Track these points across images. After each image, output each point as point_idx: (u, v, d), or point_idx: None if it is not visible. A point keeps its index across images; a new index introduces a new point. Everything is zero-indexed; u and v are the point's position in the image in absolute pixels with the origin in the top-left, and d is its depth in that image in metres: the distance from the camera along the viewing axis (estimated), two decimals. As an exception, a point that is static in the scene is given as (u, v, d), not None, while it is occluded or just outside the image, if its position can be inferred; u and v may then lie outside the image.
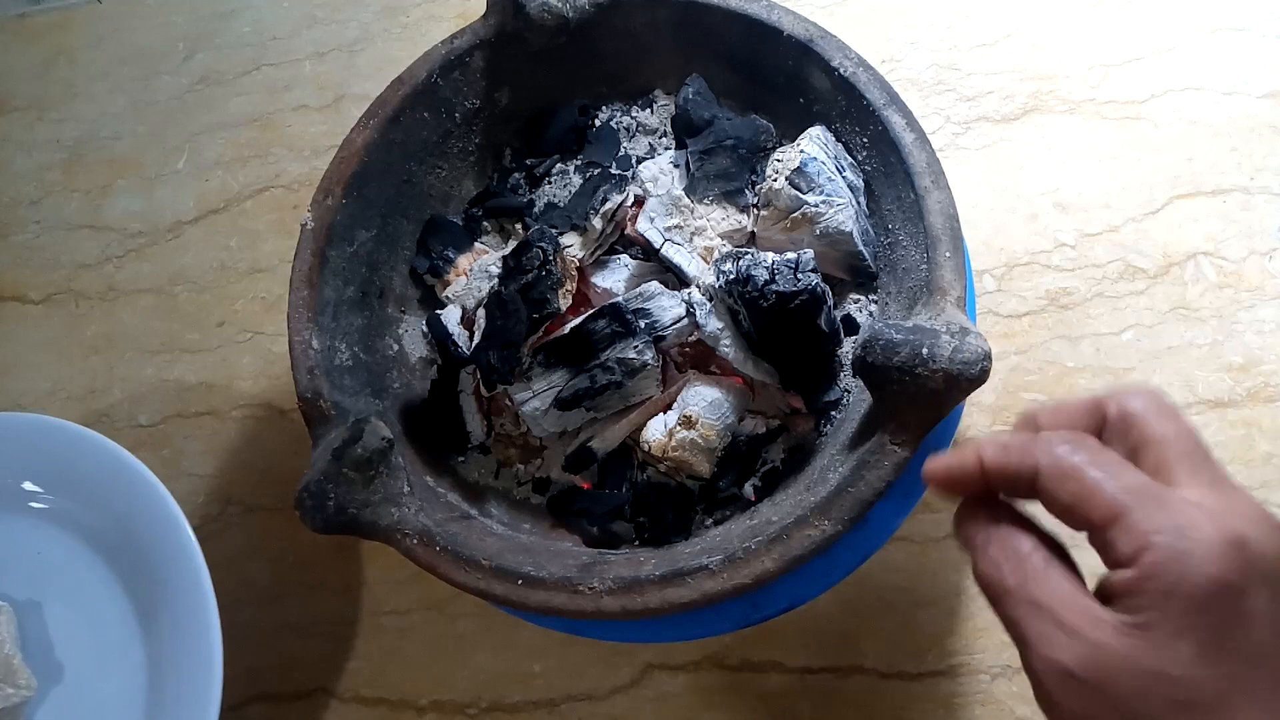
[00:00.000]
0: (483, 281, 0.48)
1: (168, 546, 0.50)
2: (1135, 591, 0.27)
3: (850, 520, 0.38)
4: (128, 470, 0.51)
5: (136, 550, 0.52)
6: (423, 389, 0.50)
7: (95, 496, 0.53)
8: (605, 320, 0.44)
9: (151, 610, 0.51)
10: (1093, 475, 0.28)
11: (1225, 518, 0.27)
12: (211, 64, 0.71)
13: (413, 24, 0.70)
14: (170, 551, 0.50)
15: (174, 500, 0.50)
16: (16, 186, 0.69)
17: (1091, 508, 0.28)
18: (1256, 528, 0.27)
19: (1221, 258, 0.55)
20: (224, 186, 0.67)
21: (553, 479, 0.48)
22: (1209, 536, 0.26)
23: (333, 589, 0.55)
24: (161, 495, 0.51)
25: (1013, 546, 0.30)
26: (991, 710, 0.48)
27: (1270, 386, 0.52)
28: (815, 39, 0.46)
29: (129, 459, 0.52)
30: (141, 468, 0.51)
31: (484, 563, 0.40)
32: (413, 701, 0.53)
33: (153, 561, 0.51)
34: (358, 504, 0.40)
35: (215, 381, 0.61)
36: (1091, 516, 0.28)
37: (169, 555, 0.50)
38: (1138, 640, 0.26)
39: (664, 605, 0.38)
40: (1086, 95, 0.60)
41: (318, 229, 0.47)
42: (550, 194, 0.51)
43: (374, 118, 0.48)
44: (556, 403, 0.44)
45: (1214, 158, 0.57)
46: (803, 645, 0.50)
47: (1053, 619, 0.28)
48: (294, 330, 0.45)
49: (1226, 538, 0.26)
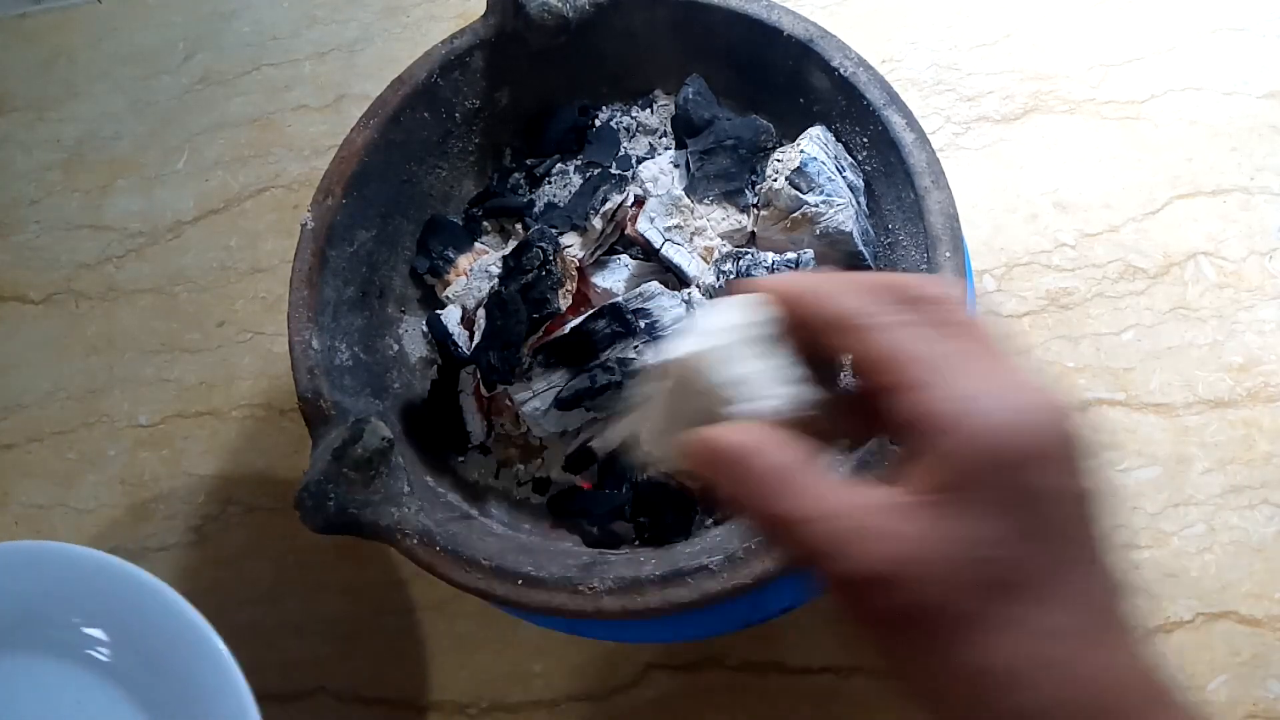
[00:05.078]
0: (483, 281, 0.48)
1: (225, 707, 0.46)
2: (942, 465, 0.24)
3: (850, 520, 0.38)
4: (193, 631, 0.47)
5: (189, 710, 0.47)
6: (423, 389, 0.50)
7: (152, 650, 0.48)
8: (605, 320, 0.44)
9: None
10: (906, 333, 0.26)
11: (1033, 393, 0.25)
12: (211, 64, 0.71)
13: (413, 24, 0.70)
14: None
15: (241, 675, 0.46)
16: (16, 186, 0.69)
17: (899, 368, 0.25)
18: (1047, 403, 0.25)
19: (1221, 258, 0.55)
20: (224, 186, 0.67)
21: (553, 479, 0.48)
22: (1020, 406, 0.24)
23: (333, 589, 0.55)
24: (230, 669, 0.46)
25: (772, 464, 0.26)
26: (991, 710, 0.48)
27: (1270, 386, 0.52)
28: (815, 39, 0.46)
29: (196, 618, 0.48)
30: (210, 633, 0.47)
31: (484, 563, 0.40)
32: (413, 701, 0.53)
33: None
34: (358, 504, 0.40)
35: (215, 381, 0.61)
36: (899, 378, 0.25)
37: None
38: (947, 521, 0.24)
39: (664, 605, 0.38)
40: (1086, 95, 0.60)
41: (318, 229, 0.47)
42: (550, 194, 0.51)
43: (374, 118, 0.48)
44: (556, 403, 0.44)
45: (1214, 158, 0.57)
46: (803, 645, 0.50)
47: (848, 525, 0.24)
48: (294, 330, 0.45)
49: (1017, 402, 0.24)
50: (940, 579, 0.24)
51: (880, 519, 0.24)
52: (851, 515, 0.25)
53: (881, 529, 0.24)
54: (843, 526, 0.24)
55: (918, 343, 0.26)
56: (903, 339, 0.26)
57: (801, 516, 0.25)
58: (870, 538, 0.24)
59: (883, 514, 0.24)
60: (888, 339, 0.26)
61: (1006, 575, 0.24)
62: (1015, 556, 0.24)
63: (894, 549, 0.24)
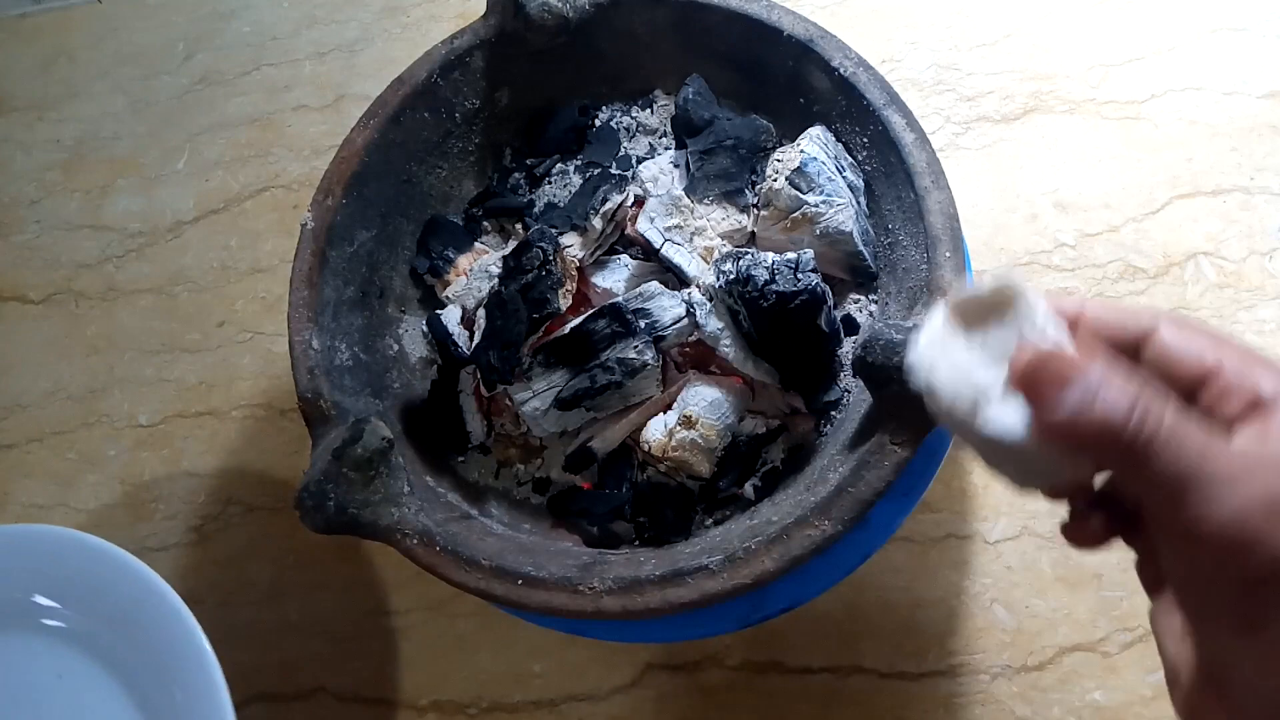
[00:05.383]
0: (483, 281, 0.48)
1: (189, 669, 0.47)
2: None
3: (850, 520, 0.38)
4: (143, 584, 0.48)
5: (156, 672, 0.48)
6: (423, 389, 0.50)
7: (114, 615, 0.49)
8: (605, 320, 0.44)
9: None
10: (1207, 338, 0.27)
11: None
12: (211, 64, 0.71)
13: (413, 24, 0.70)
14: (191, 674, 0.47)
15: (194, 618, 0.48)
16: (17, 186, 0.69)
17: (1216, 364, 0.26)
18: None
19: (1221, 258, 0.55)
20: (224, 186, 0.67)
21: (553, 479, 0.48)
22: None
23: (333, 589, 0.55)
24: (181, 614, 0.48)
25: (1152, 386, 0.25)
26: (991, 710, 0.48)
27: (1270, 386, 0.52)
28: (815, 39, 0.46)
29: (147, 572, 0.49)
30: (161, 584, 0.48)
31: (484, 563, 0.40)
32: (413, 701, 0.53)
33: (173, 686, 0.48)
34: (358, 504, 0.40)
35: (215, 381, 0.61)
36: (1221, 371, 0.26)
37: (190, 678, 0.47)
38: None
39: (664, 605, 0.38)
40: (1086, 95, 0.60)
41: (318, 229, 0.47)
42: (550, 194, 0.51)
43: (374, 118, 0.48)
44: (557, 403, 0.44)
45: (1214, 158, 0.57)
46: (803, 645, 0.50)
47: (1225, 457, 0.24)
48: (294, 330, 0.45)
49: None
50: None
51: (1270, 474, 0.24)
52: (1244, 469, 0.24)
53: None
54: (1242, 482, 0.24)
55: (1236, 349, 0.27)
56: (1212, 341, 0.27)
57: (1209, 474, 0.24)
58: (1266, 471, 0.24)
59: (1270, 468, 0.24)
60: (1200, 342, 0.27)
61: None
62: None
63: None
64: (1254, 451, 0.25)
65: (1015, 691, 0.48)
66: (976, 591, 0.50)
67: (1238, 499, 0.24)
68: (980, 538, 0.51)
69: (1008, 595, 0.50)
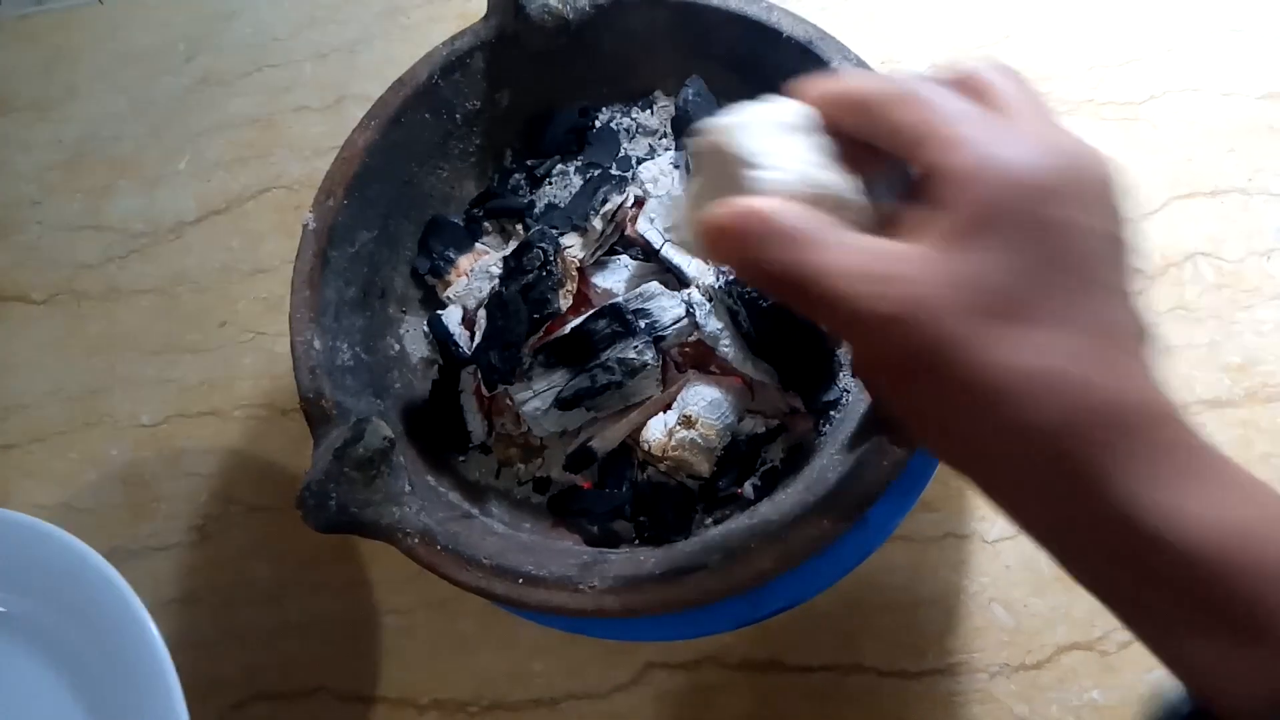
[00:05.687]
0: (483, 282, 0.48)
1: (138, 660, 0.46)
2: (961, 212, 0.25)
3: (849, 519, 0.38)
4: (92, 572, 0.47)
5: (105, 664, 0.47)
6: (424, 389, 0.50)
7: (59, 601, 0.48)
8: (605, 320, 0.44)
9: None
10: (944, 103, 0.27)
11: (1065, 137, 0.26)
12: (212, 65, 0.71)
13: (413, 25, 0.70)
14: (140, 665, 0.46)
15: (142, 605, 0.46)
16: (18, 187, 0.70)
17: (930, 130, 0.26)
18: (1077, 148, 0.26)
19: (1220, 258, 0.55)
20: (225, 187, 0.67)
21: (553, 479, 0.48)
22: (1047, 148, 0.25)
23: (334, 589, 0.55)
24: (129, 601, 0.46)
25: (791, 222, 0.26)
26: (991, 709, 0.48)
27: (1269, 386, 0.52)
28: (814, 40, 0.46)
29: (94, 557, 0.48)
30: (108, 569, 0.47)
31: (485, 562, 0.40)
32: (413, 700, 0.53)
33: (122, 680, 0.47)
34: (359, 503, 0.40)
35: (217, 382, 0.62)
36: (929, 139, 0.26)
37: (138, 671, 0.46)
38: (961, 262, 0.24)
39: (664, 604, 0.38)
40: (1086, 96, 0.60)
41: (319, 230, 0.47)
42: (551, 195, 0.51)
43: (375, 119, 0.49)
44: (557, 403, 0.45)
45: (1213, 158, 0.57)
46: (803, 644, 0.50)
47: (865, 272, 0.25)
48: (296, 330, 0.45)
49: (1042, 148, 0.25)
50: (951, 313, 0.24)
51: (898, 266, 0.25)
52: (869, 263, 0.25)
53: (898, 274, 0.25)
54: (860, 274, 0.25)
55: (952, 108, 0.26)
56: (939, 106, 0.26)
57: (820, 266, 0.26)
58: (886, 282, 0.25)
59: (901, 261, 0.25)
60: (923, 107, 0.27)
61: (1018, 301, 0.24)
62: (1028, 284, 0.24)
63: (909, 291, 0.25)
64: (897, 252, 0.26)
65: (1014, 690, 0.48)
66: (975, 590, 0.50)
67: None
68: (979, 537, 0.51)
69: (1006, 594, 0.50)
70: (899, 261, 0.25)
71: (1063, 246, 0.25)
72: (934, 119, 0.26)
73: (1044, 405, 0.24)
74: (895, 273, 0.25)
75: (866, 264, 0.25)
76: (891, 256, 0.25)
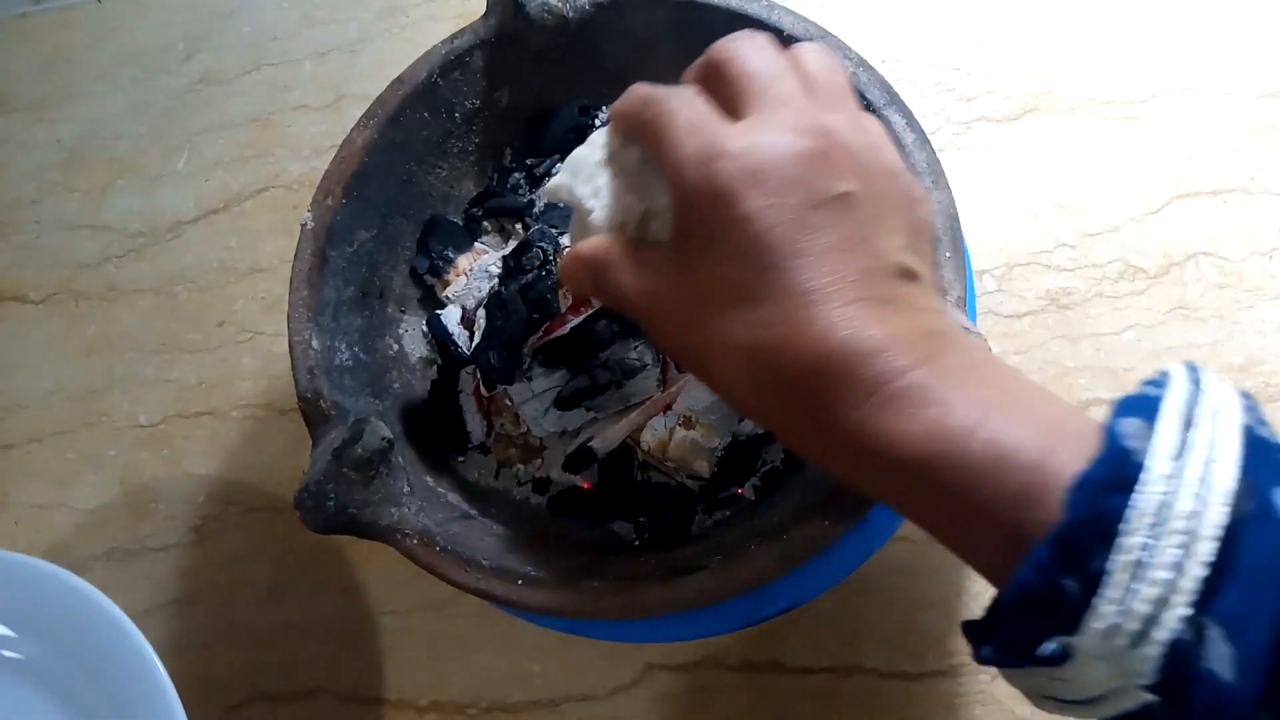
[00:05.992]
0: (483, 282, 0.48)
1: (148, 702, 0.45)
2: (675, 221, 0.31)
3: (850, 520, 0.38)
4: (102, 614, 0.47)
5: (111, 707, 0.47)
6: (423, 389, 0.50)
7: (71, 647, 0.48)
8: (605, 320, 0.44)
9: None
10: (677, 107, 0.31)
11: (746, 134, 0.29)
12: (211, 64, 0.71)
13: (413, 24, 0.70)
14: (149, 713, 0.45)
15: (151, 648, 0.46)
16: (16, 186, 0.69)
17: (659, 146, 0.31)
18: (774, 136, 0.29)
19: (1222, 258, 0.55)
20: (224, 186, 0.67)
21: (553, 479, 0.48)
22: (720, 151, 0.29)
23: (333, 589, 0.55)
24: (137, 642, 0.46)
25: (591, 249, 0.33)
26: (992, 710, 0.48)
27: (1270, 386, 0.52)
28: (815, 39, 0.46)
29: (103, 601, 0.47)
30: (117, 613, 0.47)
31: (484, 563, 0.40)
32: (413, 701, 0.53)
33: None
34: (358, 504, 0.40)
35: (215, 381, 0.61)
36: (659, 154, 0.31)
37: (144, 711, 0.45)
38: (678, 256, 0.30)
39: (664, 605, 0.38)
40: (1086, 95, 0.60)
41: (318, 229, 0.47)
42: (550, 194, 0.51)
43: (374, 118, 0.48)
44: (556, 403, 0.44)
45: (1214, 158, 0.57)
46: (803, 645, 0.50)
47: (633, 283, 0.32)
48: (294, 330, 0.45)
49: (733, 150, 0.29)
50: (680, 308, 0.30)
51: (651, 273, 0.31)
52: (638, 273, 0.32)
53: (650, 281, 0.31)
54: (632, 283, 0.32)
55: (670, 108, 0.31)
56: (663, 109, 0.31)
57: (618, 284, 0.32)
58: (646, 289, 0.32)
59: (653, 268, 0.31)
60: (657, 116, 0.31)
61: (679, 314, 0.30)
62: (725, 272, 0.29)
63: (655, 291, 0.31)
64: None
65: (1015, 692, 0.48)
66: (976, 591, 0.50)
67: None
68: (980, 538, 0.51)
69: (1008, 595, 0.50)
70: (652, 268, 0.31)
71: (750, 234, 0.28)
72: (657, 124, 0.31)
73: (760, 369, 0.29)
74: (649, 281, 0.31)
75: (636, 274, 0.32)
76: (649, 264, 0.32)
